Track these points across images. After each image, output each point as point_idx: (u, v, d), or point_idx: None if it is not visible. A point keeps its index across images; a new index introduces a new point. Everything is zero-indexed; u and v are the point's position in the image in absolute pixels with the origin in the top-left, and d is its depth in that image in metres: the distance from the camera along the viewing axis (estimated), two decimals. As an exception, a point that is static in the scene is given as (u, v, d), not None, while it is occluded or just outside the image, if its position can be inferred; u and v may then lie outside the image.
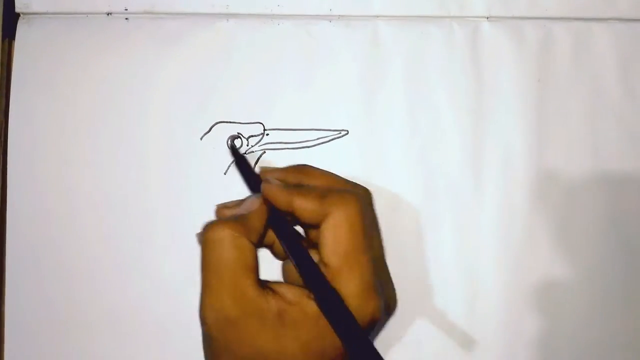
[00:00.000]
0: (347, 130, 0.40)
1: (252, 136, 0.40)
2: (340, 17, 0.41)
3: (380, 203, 0.40)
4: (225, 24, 0.41)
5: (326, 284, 0.27)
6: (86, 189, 0.40)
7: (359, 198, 0.29)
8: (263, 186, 0.30)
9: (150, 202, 0.40)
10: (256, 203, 0.30)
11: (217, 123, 0.40)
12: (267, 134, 0.40)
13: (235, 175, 0.40)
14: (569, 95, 0.41)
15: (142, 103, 0.40)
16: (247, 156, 0.40)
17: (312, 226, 0.29)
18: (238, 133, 0.40)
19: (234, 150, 0.36)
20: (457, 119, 0.40)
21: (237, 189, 0.40)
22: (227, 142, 0.40)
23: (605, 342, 0.40)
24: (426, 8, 0.41)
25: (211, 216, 0.39)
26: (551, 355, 0.40)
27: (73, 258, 0.40)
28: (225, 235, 0.28)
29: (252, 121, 0.40)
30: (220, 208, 0.33)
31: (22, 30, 0.41)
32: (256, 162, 0.40)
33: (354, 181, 0.33)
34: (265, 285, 0.28)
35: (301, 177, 0.32)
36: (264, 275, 0.29)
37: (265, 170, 0.34)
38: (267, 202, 0.30)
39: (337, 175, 0.33)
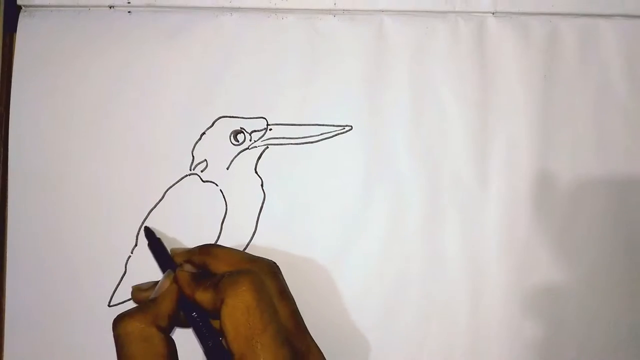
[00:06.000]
0: (351, 126, 0.40)
1: (255, 131, 0.40)
2: (344, 11, 0.41)
3: (383, 199, 0.40)
4: (228, 17, 0.41)
5: None
6: (87, 182, 0.40)
7: (252, 276, 0.28)
8: (177, 272, 0.31)
9: (152, 196, 0.39)
10: (166, 283, 0.31)
11: (220, 118, 0.40)
12: (270, 129, 0.40)
13: (237, 168, 0.40)
14: (575, 91, 0.40)
15: (144, 97, 0.40)
16: (250, 151, 0.40)
17: (217, 316, 0.29)
18: (241, 128, 0.40)
19: (148, 232, 0.36)
20: (462, 115, 0.40)
21: (240, 182, 0.39)
22: (230, 136, 0.40)
23: (608, 343, 0.39)
24: (431, 3, 0.41)
25: (214, 213, 0.39)
26: (553, 357, 0.39)
27: (74, 252, 0.39)
28: (132, 329, 0.28)
29: (255, 116, 0.40)
30: (135, 290, 0.34)
31: (24, 23, 0.40)
32: (259, 158, 0.40)
33: (259, 255, 0.33)
34: None
35: (205, 258, 0.32)
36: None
37: (175, 252, 0.34)
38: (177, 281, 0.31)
39: (241, 253, 0.32)
